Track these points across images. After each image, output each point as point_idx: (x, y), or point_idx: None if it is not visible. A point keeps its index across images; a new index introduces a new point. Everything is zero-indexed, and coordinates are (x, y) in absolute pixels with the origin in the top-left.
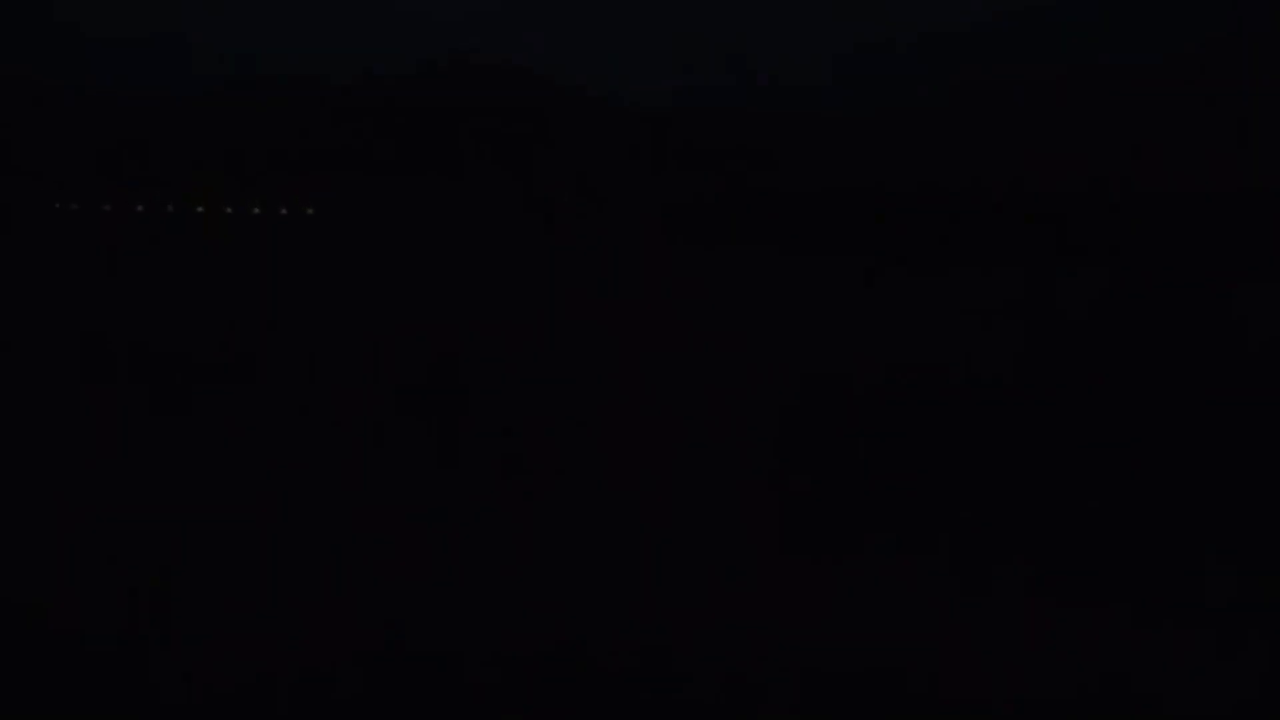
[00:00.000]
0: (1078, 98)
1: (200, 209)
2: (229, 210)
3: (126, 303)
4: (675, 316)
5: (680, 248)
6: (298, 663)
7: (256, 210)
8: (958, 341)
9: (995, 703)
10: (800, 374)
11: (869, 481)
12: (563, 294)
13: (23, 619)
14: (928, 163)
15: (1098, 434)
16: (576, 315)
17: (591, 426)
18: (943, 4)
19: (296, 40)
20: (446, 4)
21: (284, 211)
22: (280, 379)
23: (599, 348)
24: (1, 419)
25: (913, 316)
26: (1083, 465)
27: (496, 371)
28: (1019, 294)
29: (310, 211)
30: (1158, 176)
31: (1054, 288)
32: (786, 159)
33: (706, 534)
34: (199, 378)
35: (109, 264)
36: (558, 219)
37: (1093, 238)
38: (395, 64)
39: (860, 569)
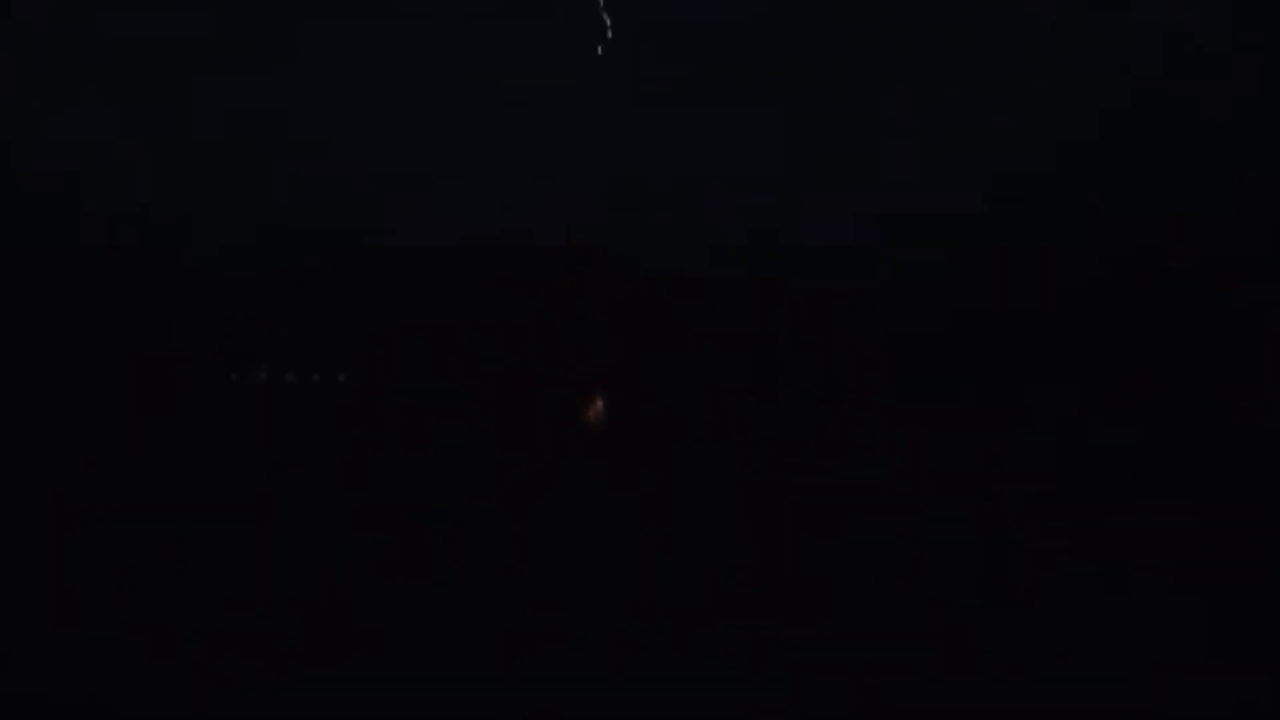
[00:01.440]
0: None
1: (234, 375)
2: (263, 376)
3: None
4: (694, 467)
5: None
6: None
7: (289, 378)
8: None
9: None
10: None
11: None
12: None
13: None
14: (932, 317)
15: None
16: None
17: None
18: (946, 177)
19: (336, 204)
20: (482, 178)
21: (316, 378)
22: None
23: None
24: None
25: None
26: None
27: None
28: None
29: (342, 378)
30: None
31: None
32: (796, 313)
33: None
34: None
35: (144, 430)
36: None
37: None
38: (436, 234)
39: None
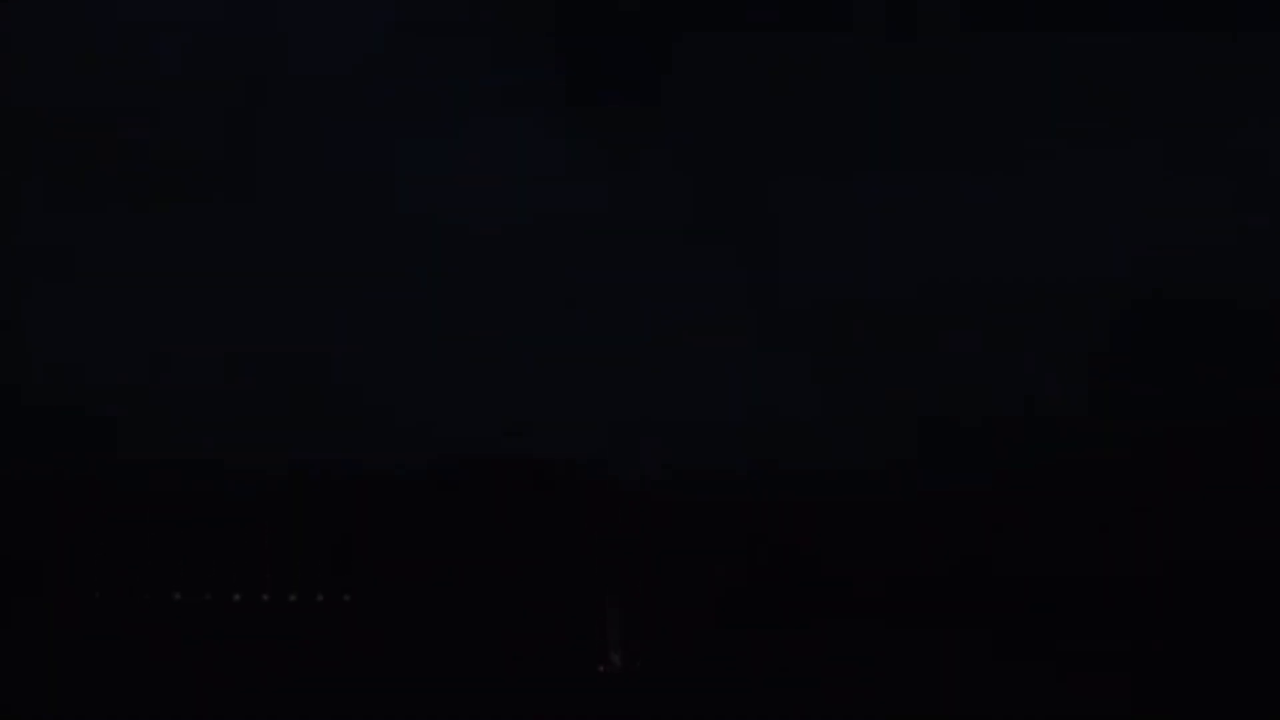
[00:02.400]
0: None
1: (236, 596)
2: (265, 597)
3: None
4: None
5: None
6: None
7: (292, 598)
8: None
9: None
10: None
11: None
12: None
13: None
14: (930, 548)
15: None
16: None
17: None
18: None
19: (317, 440)
20: (453, 404)
21: (320, 598)
22: None
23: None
24: None
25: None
26: None
27: None
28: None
29: (347, 598)
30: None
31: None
32: (792, 542)
33: None
34: None
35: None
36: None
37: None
38: (419, 458)
39: None
